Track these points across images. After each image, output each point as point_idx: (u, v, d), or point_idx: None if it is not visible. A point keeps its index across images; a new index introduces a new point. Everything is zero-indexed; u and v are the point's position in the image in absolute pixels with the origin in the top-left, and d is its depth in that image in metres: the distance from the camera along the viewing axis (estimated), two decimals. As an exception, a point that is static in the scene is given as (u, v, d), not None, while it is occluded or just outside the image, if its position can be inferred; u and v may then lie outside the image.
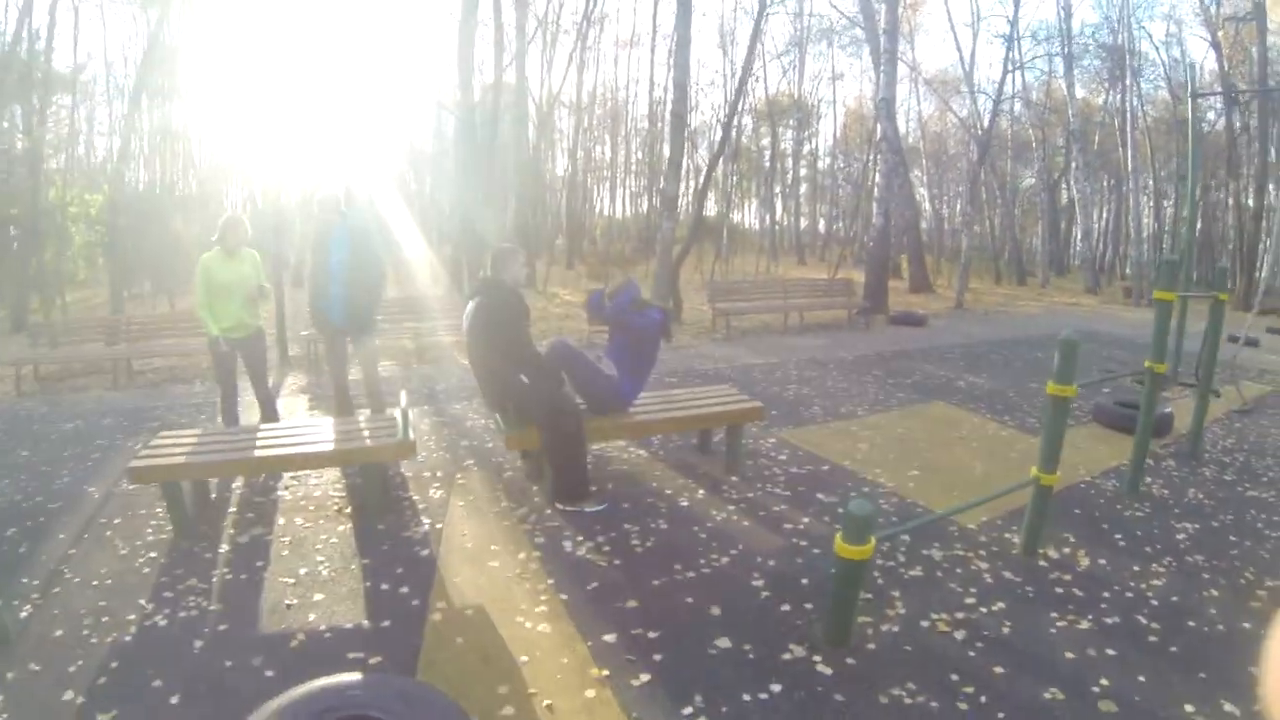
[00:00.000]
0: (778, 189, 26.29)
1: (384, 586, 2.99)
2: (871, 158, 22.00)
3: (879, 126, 13.27)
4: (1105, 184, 25.18)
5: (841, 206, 28.29)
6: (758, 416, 4.30)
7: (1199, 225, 17.90)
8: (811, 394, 6.21)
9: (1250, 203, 17.09)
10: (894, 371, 7.15)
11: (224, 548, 3.39)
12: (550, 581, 3.02)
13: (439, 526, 3.58)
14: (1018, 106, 21.43)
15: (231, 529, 3.61)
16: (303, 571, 3.11)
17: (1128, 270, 24.63)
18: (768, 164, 24.89)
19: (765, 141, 24.91)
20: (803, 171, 28.33)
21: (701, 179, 14.21)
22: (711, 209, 24.72)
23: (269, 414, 4.83)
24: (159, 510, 3.72)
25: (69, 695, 2.30)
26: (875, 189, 14.10)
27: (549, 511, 3.67)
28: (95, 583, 3.00)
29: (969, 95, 18.92)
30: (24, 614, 2.79)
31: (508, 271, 3.71)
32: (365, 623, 2.70)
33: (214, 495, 3.98)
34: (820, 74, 26.75)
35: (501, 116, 14.44)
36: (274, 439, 3.79)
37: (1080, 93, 21.03)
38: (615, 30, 27.04)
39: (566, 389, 3.76)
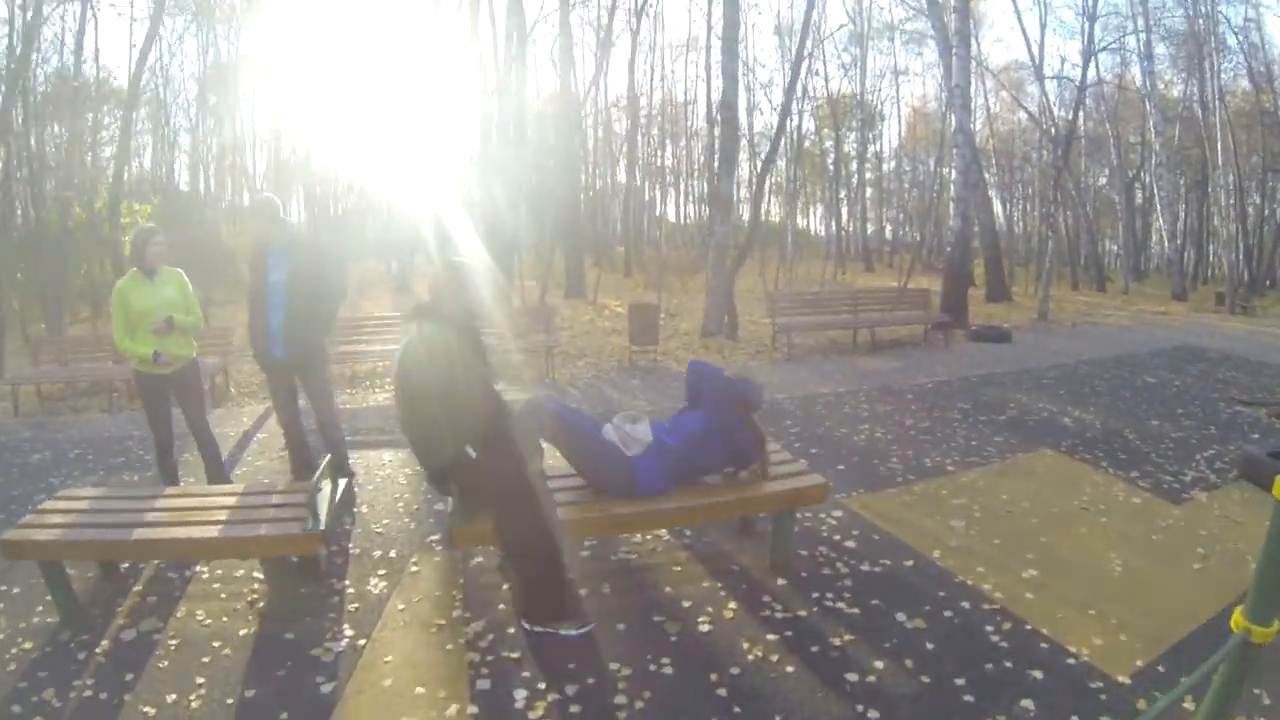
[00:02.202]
0: (842, 193, 24.68)
1: None
2: (939, 157, 20.33)
3: (951, 118, 11.68)
4: (1183, 181, 22.46)
5: (909, 210, 26.47)
6: (819, 498, 3.10)
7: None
8: (888, 438, 4.92)
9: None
10: (984, 404, 5.73)
11: (104, 644, 2.71)
12: None
13: (361, 643, 2.64)
14: (1089, 100, 19.16)
15: (124, 618, 2.88)
16: (170, 699, 2.36)
17: (1209, 274, 21.75)
18: (831, 167, 23.28)
19: (829, 144, 23.31)
20: (868, 175, 26.67)
21: (756, 178, 12.84)
22: (775, 214, 23.53)
23: (214, 466, 3.98)
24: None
25: None
26: (952, 188, 12.44)
27: (512, 631, 2.64)
28: None
29: (1039, 87, 16.86)
30: None
31: (454, 297, 2.65)
32: None
33: (125, 565, 3.24)
34: (883, 71, 24.92)
35: (547, 118, 13.56)
36: (172, 512, 2.97)
37: (1157, 84, 18.68)
38: (671, 34, 25.99)
39: (536, 468, 2.68)
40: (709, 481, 2.94)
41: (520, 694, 2.27)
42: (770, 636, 2.52)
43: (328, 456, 3.26)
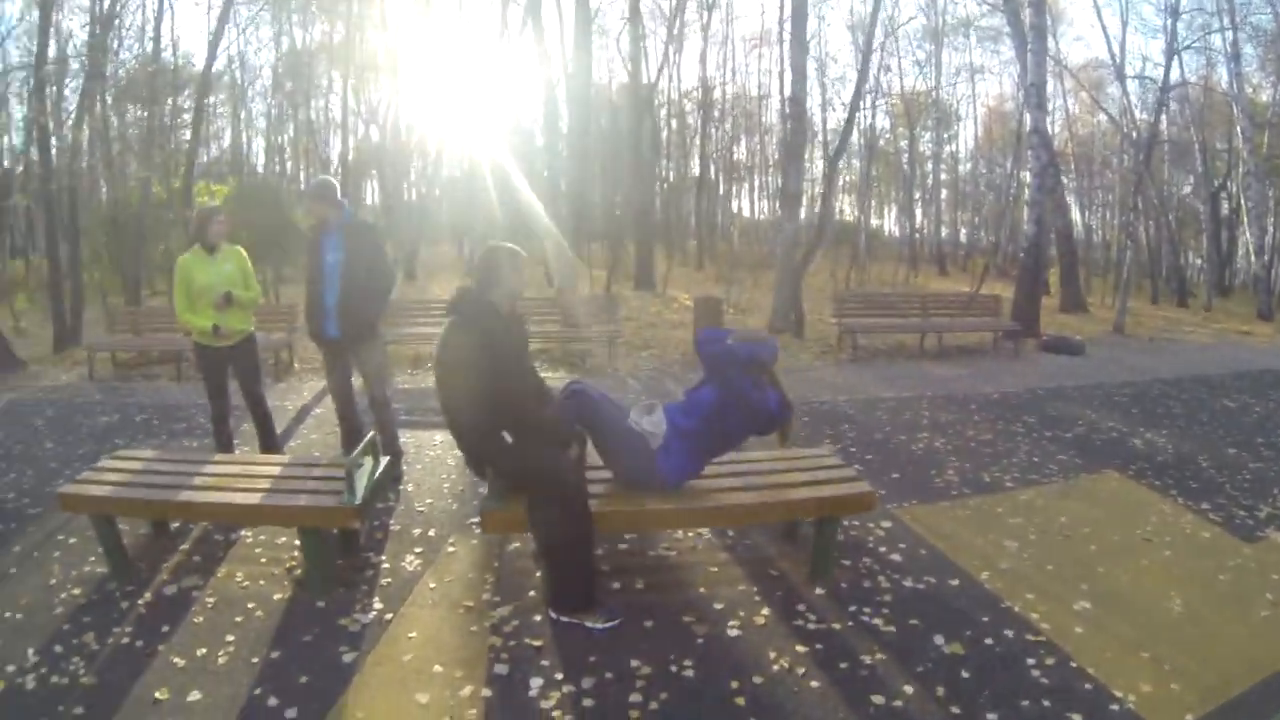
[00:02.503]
0: (917, 194, 23.96)
1: (270, 703, 2.18)
2: (1015, 159, 19.44)
3: (1027, 117, 11.10)
4: (1272, 193, 20.60)
5: (984, 214, 25.45)
6: (865, 507, 2.94)
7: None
8: (947, 448, 4.68)
9: None
10: (1050, 419, 5.39)
11: (146, 597, 2.83)
12: None
13: (388, 618, 2.66)
14: (1173, 103, 17.84)
15: (168, 574, 3.01)
16: (200, 652, 2.44)
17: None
18: (906, 167, 22.59)
19: (904, 143, 22.62)
20: (943, 176, 25.79)
21: (825, 175, 12.49)
22: (849, 213, 23.03)
23: (267, 437, 4.10)
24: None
25: None
26: (1026, 191, 11.82)
27: (539, 618, 2.60)
28: (6, 615, 2.71)
29: (1120, 87, 15.78)
30: None
31: (497, 283, 2.62)
32: None
33: (175, 525, 3.37)
34: (959, 69, 23.97)
35: (620, 110, 13.57)
36: (218, 478, 3.06)
37: (1244, 87, 17.18)
38: (743, 27, 25.73)
39: (570, 457, 2.64)
40: (743, 470, 2.88)
41: (536, 682, 2.23)
42: (799, 648, 2.39)
43: (371, 434, 3.30)
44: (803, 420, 5.27)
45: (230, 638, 2.53)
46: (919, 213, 24.93)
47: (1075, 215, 22.81)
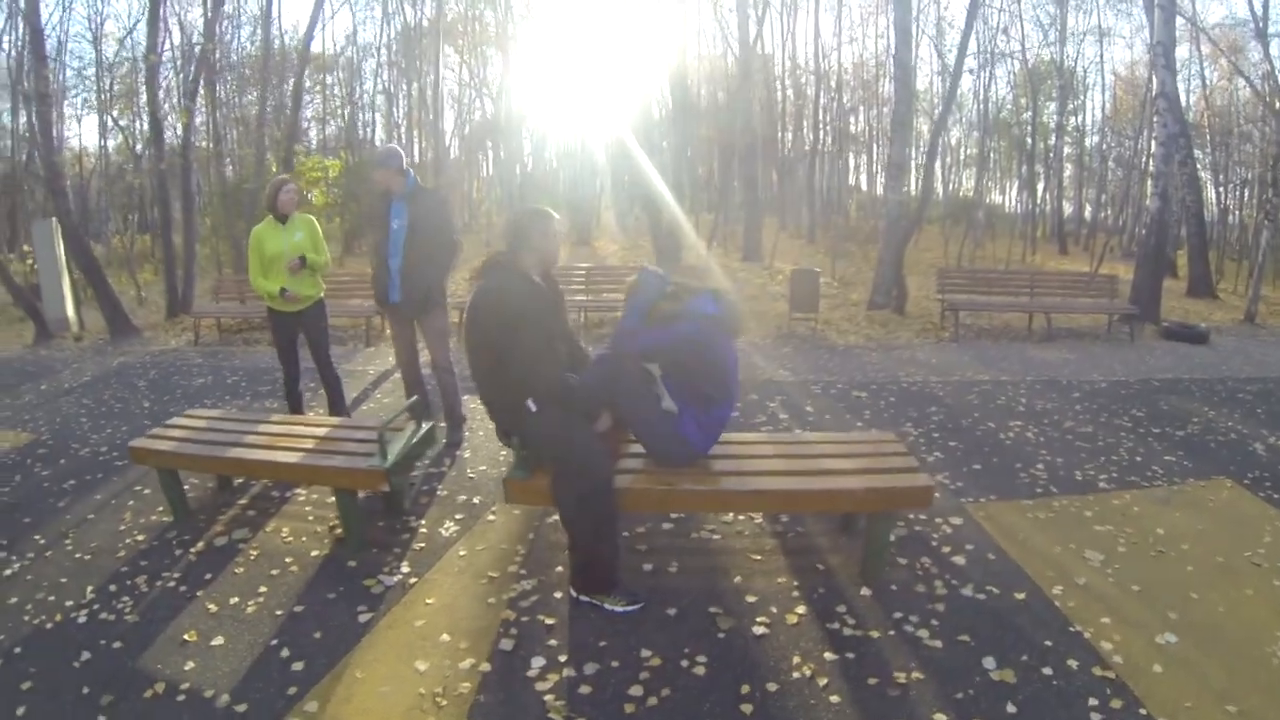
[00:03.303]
0: (1039, 168, 22.07)
1: (283, 654, 2.27)
2: (1140, 129, 17.43)
3: (1154, 79, 9.77)
4: None
5: (1110, 191, 23.14)
6: (920, 503, 2.64)
7: None
8: (1039, 439, 4.19)
9: None
10: (1161, 414, 4.72)
11: (199, 546, 3.03)
12: None
13: (412, 582, 2.68)
14: None
15: (222, 525, 3.20)
16: (233, 601, 2.59)
17: None
18: (1029, 140, 20.82)
19: (1027, 115, 20.85)
20: (1066, 150, 23.57)
21: (928, 143, 11.62)
22: (968, 187, 21.65)
23: (335, 400, 4.25)
24: (187, 486, 3.48)
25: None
26: (1151, 163, 10.52)
27: (559, 595, 2.52)
28: (77, 555, 2.99)
29: (1262, 49, 13.53)
30: (9, 571, 2.88)
31: (526, 246, 2.52)
32: (223, 699, 2.07)
33: (239, 481, 3.57)
34: (1085, 33, 21.61)
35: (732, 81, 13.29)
36: (269, 437, 3.20)
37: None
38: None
39: (595, 429, 2.51)
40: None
41: (538, 662, 2.15)
42: (828, 655, 2.17)
43: (414, 399, 3.33)
44: (887, 400, 4.95)
45: (263, 589, 2.65)
46: (1040, 188, 22.91)
47: (1209, 193, 20.16)
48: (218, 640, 2.34)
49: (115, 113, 11.57)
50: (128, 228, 14.59)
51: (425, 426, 3.23)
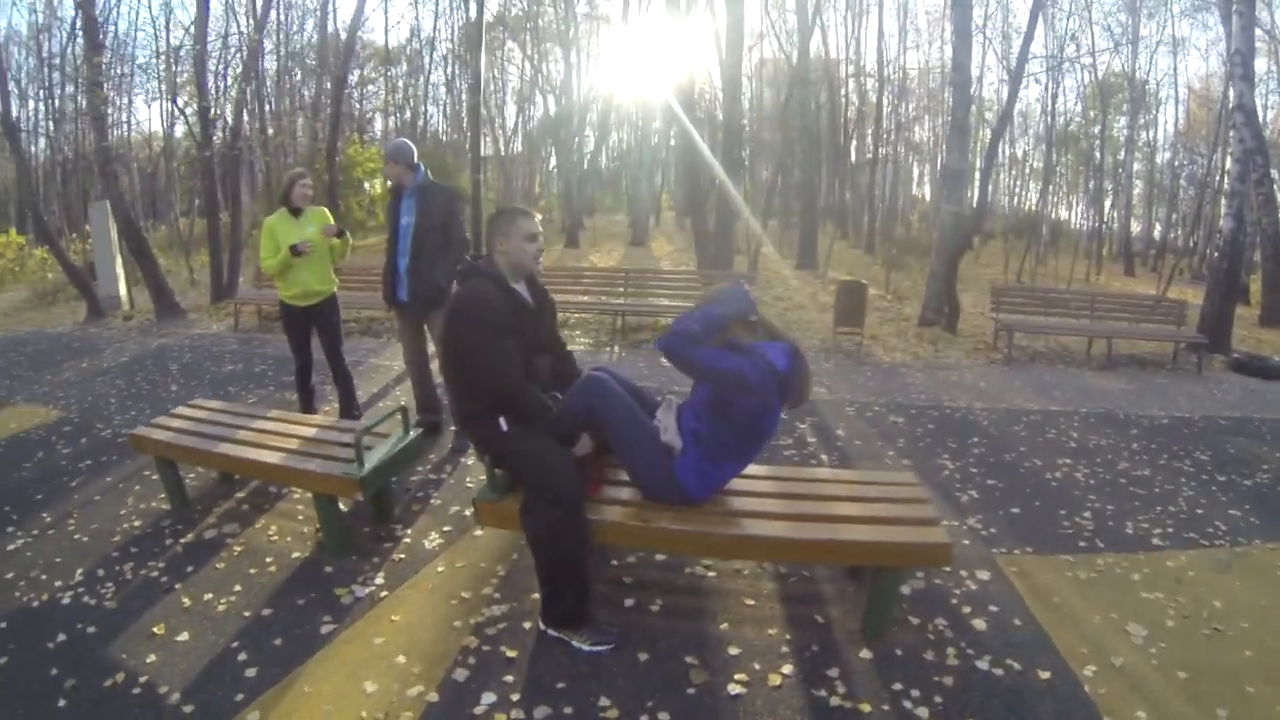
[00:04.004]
0: (1108, 185, 21.01)
1: (240, 657, 2.27)
2: (1216, 145, 16.31)
3: (1230, 91, 9.03)
4: None
5: (1181, 210, 21.92)
6: (933, 562, 2.44)
7: None
8: (1089, 482, 3.82)
9: None
10: (1227, 458, 4.25)
11: (188, 537, 3.08)
12: None
13: (382, 595, 2.63)
14: None
15: (215, 518, 3.25)
16: (206, 597, 2.61)
17: None
18: (1097, 154, 19.87)
19: (1096, 128, 19.90)
20: (1136, 166, 22.40)
21: (986, 152, 11.09)
22: (1032, 201, 20.99)
23: (346, 398, 4.28)
24: (192, 476, 3.61)
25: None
26: (1225, 181, 9.73)
27: (528, 626, 2.41)
28: (76, 537, 3.11)
29: None
30: (11, 547, 3.01)
31: (496, 249, 2.40)
32: (174, 698, 2.09)
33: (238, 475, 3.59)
34: (1157, 44, 20.40)
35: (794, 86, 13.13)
36: (259, 434, 3.22)
37: None
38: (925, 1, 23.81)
39: (571, 454, 2.36)
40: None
41: (488, 698, 2.04)
42: None
43: (400, 405, 3.28)
44: (926, 427, 4.65)
45: (238, 588, 2.66)
46: (1108, 205, 21.76)
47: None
48: (183, 636, 2.36)
49: (181, 101, 12.22)
50: (189, 212, 15.33)
51: (413, 434, 3.16)
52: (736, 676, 2.14)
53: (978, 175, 16.65)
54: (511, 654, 2.24)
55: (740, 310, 2.31)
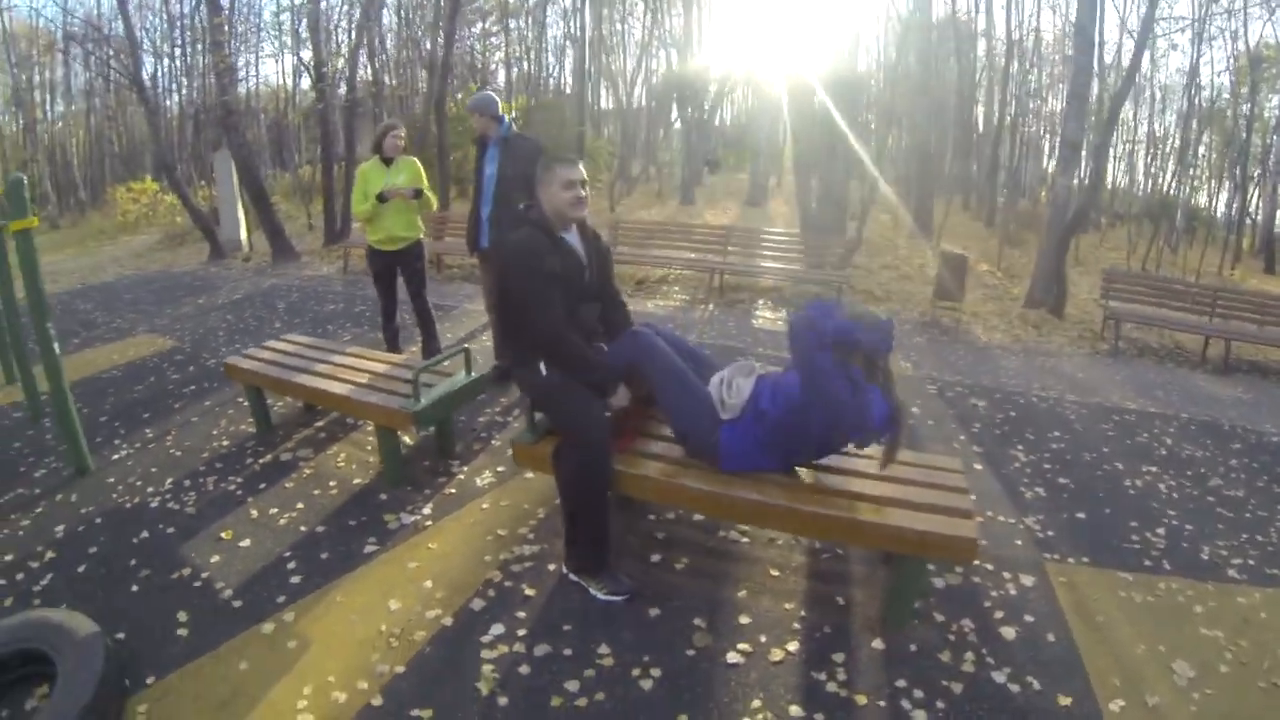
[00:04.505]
0: (1256, 171, 18.47)
1: (290, 565, 2.56)
2: None
3: None
4: None
5: None
6: (957, 556, 2.29)
7: None
8: (1172, 496, 3.46)
9: None
10: None
11: (267, 458, 3.42)
12: (394, 671, 2.05)
13: (426, 525, 2.84)
14: None
15: (294, 443, 3.58)
16: (272, 511, 2.94)
17: None
18: (1243, 135, 17.47)
19: (1245, 106, 17.43)
20: None
21: (1104, 122, 9.98)
22: (1170, 183, 18.90)
23: (429, 339, 4.52)
24: (280, 404, 3.98)
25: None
26: None
27: (552, 568, 2.54)
28: (171, 451, 3.52)
29: None
30: (116, 456, 3.46)
31: (544, 196, 2.45)
32: (227, 593, 2.39)
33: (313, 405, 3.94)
34: None
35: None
36: (336, 367, 3.50)
37: None
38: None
39: (606, 404, 2.41)
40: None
41: (496, 629, 2.19)
42: (793, 710, 1.94)
43: (464, 347, 3.46)
44: (1007, 414, 4.37)
45: (300, 505, 2.96)
46: (1254, 193, 19.02)
47: None
48: (245, 542, 2.68)
49: (305, 56, 13.15)
50: (311, 161, 16.50)
51: (474, 374, 3.32)
52: (739, 646, 2.16)
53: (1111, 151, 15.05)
54: (530, 592, 2.38)
55: (876, 348, 2.19)
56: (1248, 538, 3.08)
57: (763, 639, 2.20)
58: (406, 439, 3.50)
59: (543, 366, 2.38)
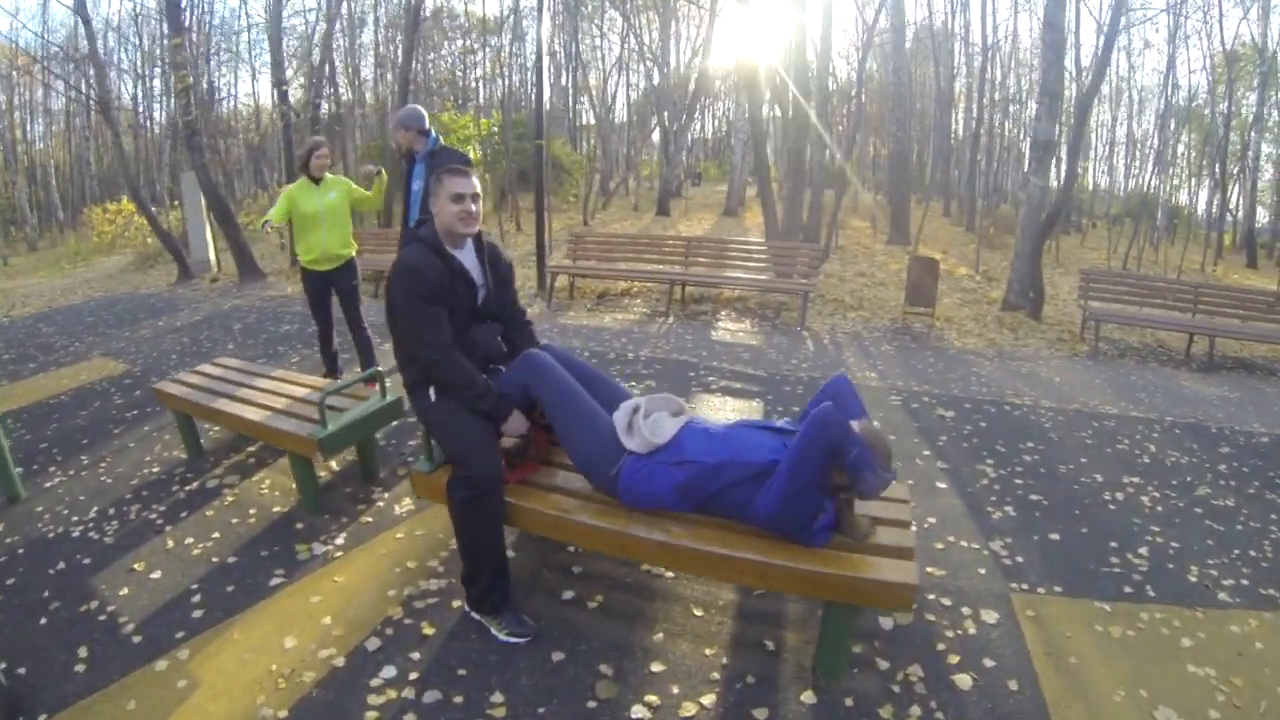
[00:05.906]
0: (1236, 168, 18.85)
1: (194, 599, 2.53)
2: None
3: None
4: None
5: None
6: (894, 604, 2.15)
7: None
8: (1156, 510, 3.30)
9: None
10: None
11: (193, 485, 3.39)
12: (278, 716, 2.00)
13: (336, 555, 2.80)
14: None
15: (222, 469, 3.56)
16: (187, 542, 2.91)
17: None
18: (1220, 134, 17.80)
19: (1223, 105, 17.80)
20: (1266, 150, 20.04)
21: (1074, 120, 10.06)
22: (1149, 183, 19.22)
23: (365, 358, 4.58)
24: (212, 430, 3.97)
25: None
26: None
27: (456, 605, 2.46)
28: (102, 478, 3.52)
29: None
30: (49, 484, 3.45)
31: (434, 210, 2.29)
32: (129, 627, 2.35)
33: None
34: None
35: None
36: (256, 392, 3.48)
37: None
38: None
39: (505, 429, 2.34)
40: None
41: (388, 672, 2.13)
42: None
43: (373, 368, 3.39)
44: (976, 425, 4.27)
45: (216, 534, 2.93)
46: (1234, 190, 19.31)
47: None
48: (156, 574, 2.65)
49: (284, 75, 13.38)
50: (281, 180, 16.74)
51: (389, 398, 3.23)
52: (647, 698, 2.02)
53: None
54: (429, 631, 2.31)
55: (865, 490, 2.00)
56: (1240, 553, 2.91)
57: (674, 690, 2.05)
58: (333, 465, 3.46)
59: (431, 392, 2.29)
